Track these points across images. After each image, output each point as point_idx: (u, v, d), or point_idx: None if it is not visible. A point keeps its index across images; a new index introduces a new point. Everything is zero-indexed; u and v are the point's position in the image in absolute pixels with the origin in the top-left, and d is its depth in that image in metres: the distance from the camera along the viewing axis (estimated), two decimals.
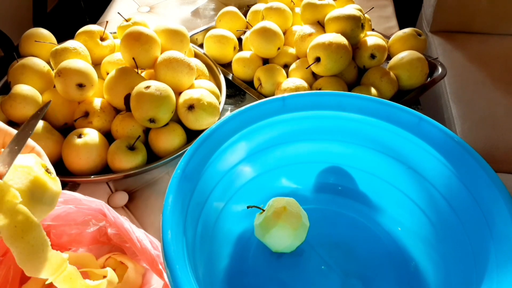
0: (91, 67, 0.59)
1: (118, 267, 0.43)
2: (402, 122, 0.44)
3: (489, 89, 1.01)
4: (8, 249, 0.40)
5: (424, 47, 0.71)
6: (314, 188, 0.51)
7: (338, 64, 0.63)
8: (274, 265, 0.44)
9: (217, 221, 0.43)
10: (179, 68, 0.59)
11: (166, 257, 0.31)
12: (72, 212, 0.42)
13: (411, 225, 0.46)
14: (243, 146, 0.45)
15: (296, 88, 0.64)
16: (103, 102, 0.60)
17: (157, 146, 0.57)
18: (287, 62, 0.72)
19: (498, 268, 0.34)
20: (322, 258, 0.45)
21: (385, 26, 0.93)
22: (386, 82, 0.65)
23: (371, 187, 0.49)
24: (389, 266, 0.44)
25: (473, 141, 0.91)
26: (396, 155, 0.46)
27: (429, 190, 0.43)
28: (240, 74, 0.72)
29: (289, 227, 0.42)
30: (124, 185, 0.58)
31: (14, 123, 0.58)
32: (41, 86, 0.61)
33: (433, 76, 0.69)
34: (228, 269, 0.43)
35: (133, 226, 0.41)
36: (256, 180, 0.48)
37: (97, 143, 0.55)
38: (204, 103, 0.57)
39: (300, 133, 0.48)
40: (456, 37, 1.17)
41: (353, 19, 0.65)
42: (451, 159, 0.41)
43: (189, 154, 0.39)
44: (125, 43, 0.59)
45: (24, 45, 0.66)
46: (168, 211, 0.34)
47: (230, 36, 0.75)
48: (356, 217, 0.48)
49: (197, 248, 0.37)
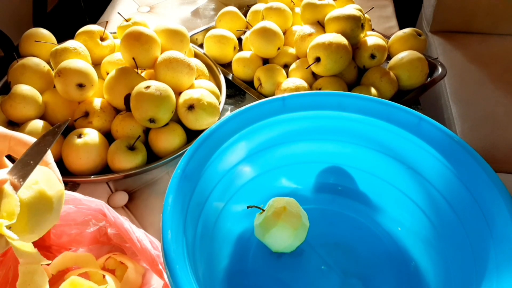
0: (91, 67, 0.59)
1: (118, 267, 0.43)
2: (402, 122, 0.44)
3: (489, 89, 1.01)
4: (8, 249, 0.40)
5: (424, 47, 0.71)
6: (314, 188, 0.51)
7: (338, 64, 0.63)
8: (274, 265, 0.44)
9: (217, 221, 0.43)
10: (179, 68, 0.59)
11: (166, 257, 0.31)
12: (72, 212, 0.42)
13: (411, 225, 0.46)
14: (243, 146, 0.45)
15: (296, 88, 0.64)
16: (103, 102, 0.60)
17: (157, 146, 0.57)
18: (287, 62, 0.72)
19: (498, 268, 0.34)
20: (322, 258, 0.45)
21: (385, 26, 0.93)
22: (386, 82, 0.65)
23: (371, 187, 0.49)
24: (389, 266, 0.44)
25: (473, 141, 0.91)
26: (396, 155, 0.46)
27: (429, 190, 0.43)
28: (240, 74, 0.72)
29: (289, 227, 0.42)
30: (124, 185, 0.58)
31: (14, 123, 0.58)
32: (41, 86, 0.60)
33: (433, 76, 0.69)
34: (228, 269, 0.43)
35: (133, 226, 0.41)
36: (256, 180, 0.48)
37: (97, 143, 0.55)
38: (204, 103, 0.57)
39: (300, 133, 0.48)
40: (456, 37, 1.17)
41: (353, 19, 0.65)
42: (451, 159, 0.41)
43: (189, 154, 0.39)
44: (125, 43, 0.59)
45: (24, 45, 0.66)
46: (168, 211, 0.34)
47: (230, 36, 0.75)
48: (356, 217, 0.48)
49: (197, 248, 0.37)
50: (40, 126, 0.55)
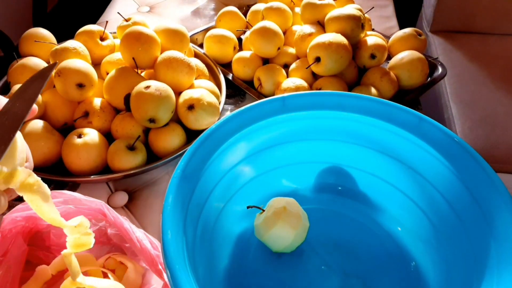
0: (91, 67, 0.59)
1: (118, 267, 0.43)
2: (402, 122, 0.44)
3: (489, 89, 1.01)
4: (8, 249, 0.40)
5: (424, 47, 0.71)
6: (314, 188, 0.51)
7: (338, 64, 0.63)
8: (274, 265, 0.44)
9: (217, 221, 0.43)
10: (179, 68, 0.59)
11: (166, 257, 0.31)
12: (72, 212, 0.42)
13: (411, 225, 0.46)
14: (243, 146, 0.45)
15: (296, 88, 0.64)
16: (103, 102, 0.60)
17: (157, 146, 0.57)
18: (287, 62, 0.72)
19: (499, 268, 0.34)
20: (322, 258, 0.45)
21: (385, 26, 0.93)
22: (386, 82, 0.65)
23: (371, 187, 0.49)
24: (389, 266, 0.44)
25: (473, 141, 0.91)
26: (396, 155, 0.46)
27: (429, 190, 0.43)
28: (240, 74, 0.72)
29: (289, 227, 0.42)
30: (124, 185, 0.58)
31: None
32: None
33: (433, 76, 0.69)
34: (228, 269, 0.43)
35: (133, 226, 0.41)
36: (256, 180, 0.48)
37: (97, 143, 0.55)
38: (204, 103, 0.57)
39: (300, 133, 0.48)
40: (456, 37, 1.17)
41: (353, 19, 0.65)
42: (451, 159, 0.41)
43: (189, 154, 0.39)
44: (125, 43, 0.59)
45: (24, 45, 0.66)
46: (168, 211, 0.34)
47: (230, 36, 0.75)
48: (356, 217, 0.48)
49: (197, 248, 0.37)
50: (40, 126, 0.55)
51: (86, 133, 0.55)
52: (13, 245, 0.41)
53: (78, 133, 0.55)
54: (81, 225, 0.33)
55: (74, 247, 0.33)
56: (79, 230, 0.32)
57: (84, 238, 0.33)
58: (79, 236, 0.33)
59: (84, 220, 0.33)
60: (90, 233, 0.33)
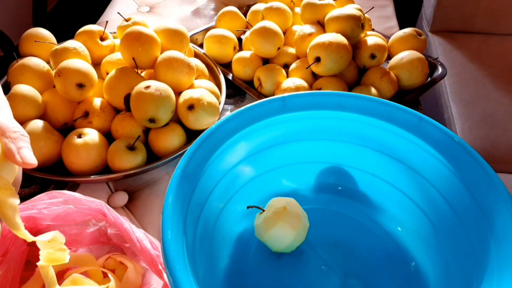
0: (91, 67, 0.59)
1: (118, 267, 0.43)
2: (402, 122, 0.44)
3: (489, 89, 1.01)
4: (8, 249, 0.40)
5: (424, 47, 0.71)
6: (314, 188, 0.51)
7: (338, 64, 0.63)
8: (274, 265, 0.44)
9: (217, 221, 0.43)
10: (179, 68, 0.59)
11: (166, 257, 0.31)
12: (72, 212, 0.42)
13: (411, 225, 0.46)
14: (243, 146, 0.45)
15: (296, 88, 0.64)
16: (103, 102, 0.60)
17: (157, 146, 0.57)
18: (287, 62, 0.72)
19: (499, 268, 0.34)
20: (322, 258, 0.45)
21: (385, 26, 0.93)
22: (386, 82, 0.65)
23: (371, 187, 0.49)
24: (389, 266, 0.44)
25: (473, 141, 0.91)
26: (396, 155, 0.46)
27: (429, 190, 0.43)
28: (240, 74, 0.72)
29: (289, 227, 0.42)
30: (124, 185, 0.58)
31: None
32: (41, 86, 0.60)
33: (433, 76, 0.69)
34: (228, 269, 0.43)
35: (133, 226, 0.41)
36: (256, 180, 0.48)
37: (97, 143, 0.55)
38: (204, 103, 0.57)
39: (300, 133, 0.48)
40: (456, 37, 1.17)
41: (353, 19, 0.65)
42: (451, 159, 0.41)
43: (189, 154, 0.39)
44: (125, 43, 0.59)
45: (24, 45, 0.66)
46: (168, 211, 0.34)
47: (230, 36, 0.75)
48: (356, 217, 0.48)
49: (197, 248, 0.37)
50: (40, 126, 0.55)
51: (86, 133, 0.55)
52: (13, 245, 0.41)
53: (78, 133, 0.55)
54: (55, 240, 0.32)
55: (47, 261, 0.32)
56: (53, 245, 0.32)
57: (58, 253, 0.32)
58: (52, 251, 0.32)
59: (59, 236, 0.32)
60: (65, 249, 0.32)
